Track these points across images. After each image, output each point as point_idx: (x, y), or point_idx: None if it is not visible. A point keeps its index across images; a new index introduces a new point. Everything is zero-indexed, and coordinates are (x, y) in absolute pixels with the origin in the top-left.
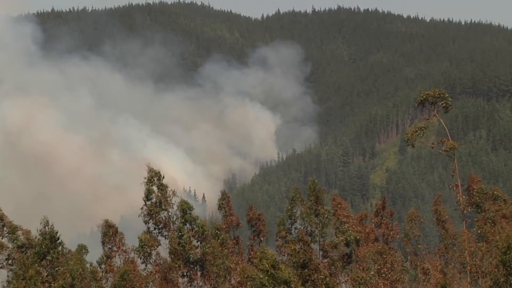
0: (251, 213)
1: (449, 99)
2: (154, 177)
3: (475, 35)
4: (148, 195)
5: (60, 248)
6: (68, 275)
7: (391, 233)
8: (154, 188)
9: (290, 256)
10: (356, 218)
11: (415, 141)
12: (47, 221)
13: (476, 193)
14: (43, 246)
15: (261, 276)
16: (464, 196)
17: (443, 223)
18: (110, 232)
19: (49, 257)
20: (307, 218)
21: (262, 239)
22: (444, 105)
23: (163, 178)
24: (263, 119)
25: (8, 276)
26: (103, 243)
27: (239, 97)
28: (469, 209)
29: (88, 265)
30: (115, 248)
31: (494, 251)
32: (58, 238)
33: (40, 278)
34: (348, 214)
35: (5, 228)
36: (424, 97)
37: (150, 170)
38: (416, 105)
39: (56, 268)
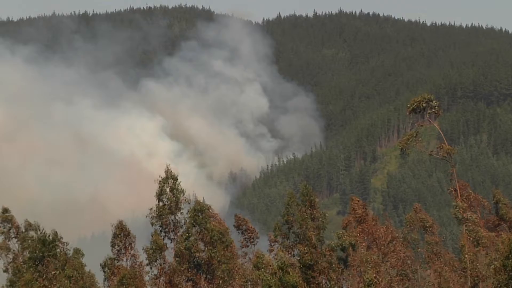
0: (237, 218)
1: (437, 104)
2: (170, 179)
3: (476, 39)
4: (160, 196)
5: (57, 251)
6: (65, 280)
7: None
8: (167, 190)
9: (299, 257)
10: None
11: (411, 148)
12: (39, 225)
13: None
14: (37, 251)
15: (269, 278)
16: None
17: (430, 228)
18: (121, 234)
19: (45, 261)
20: (303, 222)
21: (256, 240)
22: (433, 111)
23: (180, 183)
24: (261, 119)
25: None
26: (112, 244)
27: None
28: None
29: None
30: (123, 251)
31: (492, 255)
32: (54, 241)
33: (38, 283)
34: (367, 213)
35: (11, 230)
36: (414, 104)
37: (168, 171)
38: (407, 113)
39: (53, 272)
